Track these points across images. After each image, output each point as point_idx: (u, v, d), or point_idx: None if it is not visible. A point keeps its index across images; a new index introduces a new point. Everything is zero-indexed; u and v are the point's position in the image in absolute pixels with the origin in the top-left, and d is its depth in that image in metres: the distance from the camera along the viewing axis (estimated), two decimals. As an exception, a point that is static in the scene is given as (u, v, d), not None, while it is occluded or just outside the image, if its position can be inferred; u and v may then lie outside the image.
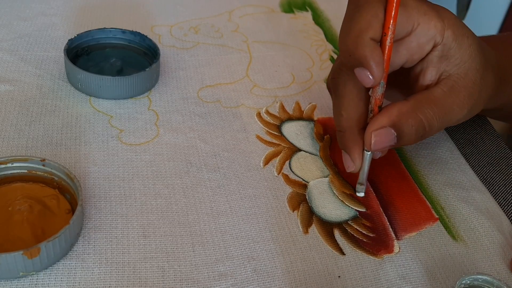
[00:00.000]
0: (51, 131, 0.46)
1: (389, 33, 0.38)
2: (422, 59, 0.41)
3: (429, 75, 0.41)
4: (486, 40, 0.45)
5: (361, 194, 0.44)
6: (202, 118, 0.50)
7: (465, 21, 0.43)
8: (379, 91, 0.40)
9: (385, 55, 0.39)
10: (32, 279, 0.35)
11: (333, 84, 0.43)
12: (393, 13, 0.38)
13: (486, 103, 0.43)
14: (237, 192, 0.43)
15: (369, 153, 0.41)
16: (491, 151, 0.52)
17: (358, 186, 0.44)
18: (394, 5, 0.37)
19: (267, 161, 0.47)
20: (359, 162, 0.42)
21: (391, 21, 0.38)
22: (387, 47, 0.39)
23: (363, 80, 0.39)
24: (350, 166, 0.43)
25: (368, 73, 0.38)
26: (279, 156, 0.47)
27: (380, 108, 0.41)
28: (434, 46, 0.40)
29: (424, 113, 0.40)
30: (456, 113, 0.41)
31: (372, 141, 0.40)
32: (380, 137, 0.39)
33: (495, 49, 0.45)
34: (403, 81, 0.43)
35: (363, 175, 0.43)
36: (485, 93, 0.42)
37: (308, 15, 0.67)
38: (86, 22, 0.60)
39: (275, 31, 0.63)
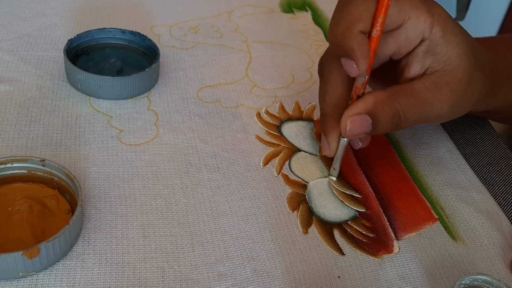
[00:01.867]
0: (51, 131, 0.46)
1: (377, 25, 0.39)
2: (409, 53, 0.42)
3: (414, 69, 0.42)
4: (483, 41, 0.45)
5: (334, 178, 0.45)
6: (202, 118, 0.50)
7: (465, 21, 0.43)
8: (360, 81, 0.41)
9: (371, 47, 0.39)
10: (32, 279, 0.35)
11: (320, 69, 0.45)
12: (383, 7, 0.38)
13: (475, 104, 0.43)
14: (237, 192, 0.43)
15: (345, 139, 0.43)
16: (491, 151, 0.52)
17: (332, 170, 0.45)
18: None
19: (267, 161, 0.47)
20: (335, 147, 0.44)
21: (381, 14, 0.38)
22: (373, 39, 0.39)
23: (348, 70, 0.40)
24: (326, 149, 0.45)
25: (354, 64, 0.39)
26: (279, 156, 0.47)
27: (359, 97, 0.41)
28: (422, 41, 0.41)
29: (400, 103, 0.40)
30: (436, 107, 0.41)
31: (348, 127, 0.41)
32: (355, 123, 0.40)
33: (491, 50, 0.45)
34: (391, 74, 0.44)
35: (338, 160, 0.44)
36: (472, 93, 0.42)
37: (308, 15, 0.67)
38: (86, 22, 0.60)
39: (275, 31, 0.63)
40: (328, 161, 0.47)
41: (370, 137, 0.45)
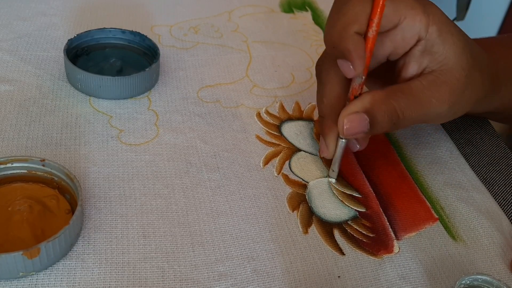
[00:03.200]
0: (51, 131, 0.46)
1: (373, 25, 0.39)
2: (406, 53, 0.42)
3: (411, 69, 0.42)
4: (481, 42, 0.45)
5: (333, 180, 0.45)
6: (202, 118, 0.50)
7: (465, 21, 0.43)
8: (356, 82, 0.41)
9: (367, 47, 0.39)
10: (32, 279, 0.35)
11: (317, 71, 0.45)
12: (379, 8, 0.38)
13: (474, 104, 0.43)
14: (237, 192, 0.43)
15: (344, 140, 0.43)
16: (491, 151, 0.52)
17: (330, 172, 0.45)
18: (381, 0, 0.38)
19: (267, 161, 0.47)
20: (333, 148, 0.44)
21: (376, 14, 0.38)
22: (369, 39, 0.39)
23: (345, 71, 0.40)
24: (324, 151, 0.45)
25: (350, 65, 0.39)
26: (279, 156, 0.47)
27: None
28: (418, 41, 0.41)
29: (398, 101, 0.40)
30: (435, 106, 0.41)
31: (345, 126, 0.40)
32: (352, 122, 0.40)
33: (490, 51, 0.45)
34: (389, 75, 0.44)
35: (336, 162, 0.44)
36: (471, 92, 0.42)
37: (308, 15, 0.67)
38: (86, 22, 0.60)
39: (275, 31, 0.63)
40: (328, 162, 0.47)
41: (368, 139, 0.45)
